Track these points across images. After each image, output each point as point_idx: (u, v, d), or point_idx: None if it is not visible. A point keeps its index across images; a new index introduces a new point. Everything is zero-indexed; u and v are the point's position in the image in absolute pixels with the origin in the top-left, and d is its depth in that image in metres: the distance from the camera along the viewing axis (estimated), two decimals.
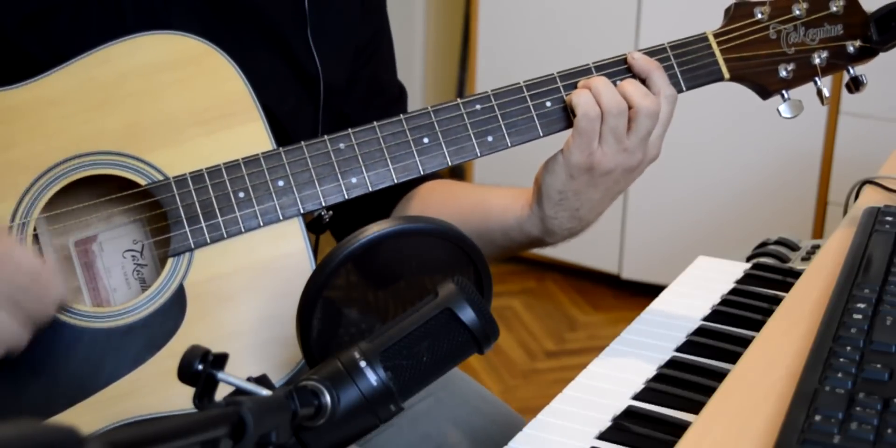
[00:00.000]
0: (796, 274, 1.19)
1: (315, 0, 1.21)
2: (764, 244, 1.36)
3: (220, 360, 0.73)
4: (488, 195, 1.25)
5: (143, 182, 1.07)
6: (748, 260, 1.32)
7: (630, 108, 1.11)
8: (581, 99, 1.11)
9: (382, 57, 1.34)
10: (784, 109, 1.20)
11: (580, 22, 3.05)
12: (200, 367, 0.71)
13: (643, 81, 1.13)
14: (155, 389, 1.04)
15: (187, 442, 0.60)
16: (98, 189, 1.10)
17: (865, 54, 1.21)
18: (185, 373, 0.72)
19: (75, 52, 1.08)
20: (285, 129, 1.18)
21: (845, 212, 1.32)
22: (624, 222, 3.12)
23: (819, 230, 2.86)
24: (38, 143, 1.07)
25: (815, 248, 1.33)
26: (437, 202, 1.29)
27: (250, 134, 1.10)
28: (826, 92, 1.20)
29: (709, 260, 1.28)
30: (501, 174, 2.37)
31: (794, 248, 1.34)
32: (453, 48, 3.68)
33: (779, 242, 1.35)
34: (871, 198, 1.30)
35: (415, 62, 3.71)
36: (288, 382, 1.05)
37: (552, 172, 1.14)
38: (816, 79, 1.20)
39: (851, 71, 1.21)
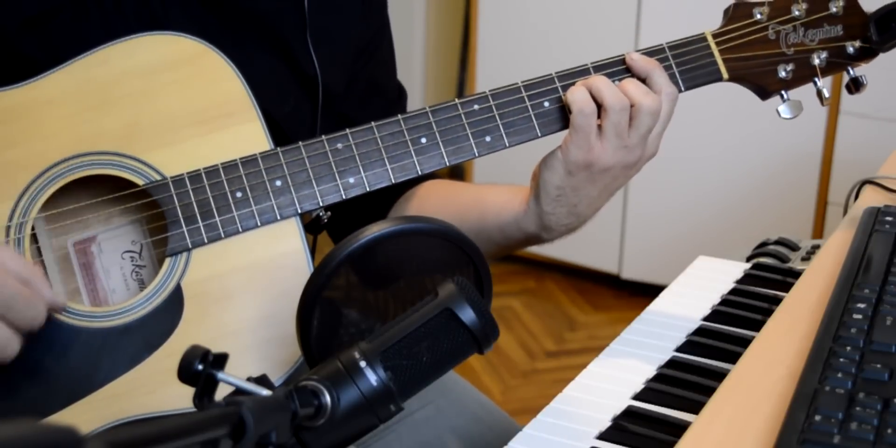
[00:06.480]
0: (796, 274, 1.19)
1: (315, 1, 1.21)
2: (764, 244, 1.35)
3: (220, 360, 0.73)
4: (485, 193, 1.25)
5: (140, 182, 1.07)
6: (748, 260, 1.32)
7: (632, 105, 1.11)
8: (576, 95, 1.11)
9: (382, 57, 1.34)
10: (783, 110, 1.20)
11: (580, 22, 3.05)
12: (200, 367, 0.71)
13: (643, 81, 1.14)
14: (152, 389, 1.04)
15: (187, 442, 0.60)
16: (96, 189, 1.10)
17: (865, 55, 1.21)
18: (186, 373, 0.72)
19: (74, 54, 1.08)
20: (284, 131, 1.18)
21: (845, 212, 1.32)
22: (624, 222, 3.12)
23: (819, 230, 2.86)
24: (36, 143, 1.07)
25: (815, 248, 1.33)
26: (434, 201, 1.28)
27: (248, 134, 1.09)
28: (826, 92, 1.20)
29: (709, 260, 1.28)
30: (500, 174, 2.36)
31: (794, 248, 1.34)
32: (453, 48, 3.68)
33: (779, 242, 1.35)
34: (871, 198, 1.30)
35: (415, 62, 3.71)
36: (286, 381, 1.05)
37: (550, 168, 1.14)
38: (816, 79, 1.20)
39: (851, 71, 1.21)
